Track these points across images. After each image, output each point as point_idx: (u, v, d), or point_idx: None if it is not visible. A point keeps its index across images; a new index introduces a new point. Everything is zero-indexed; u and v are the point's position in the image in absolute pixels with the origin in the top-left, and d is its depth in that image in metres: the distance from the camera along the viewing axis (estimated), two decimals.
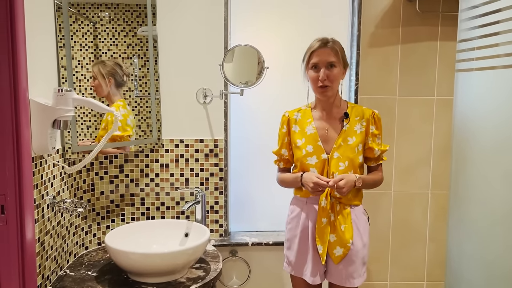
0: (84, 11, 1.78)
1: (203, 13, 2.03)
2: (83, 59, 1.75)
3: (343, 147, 1.65)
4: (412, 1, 2.12)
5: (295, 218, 1.74)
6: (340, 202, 1.67)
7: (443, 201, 2.27)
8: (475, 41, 1.30)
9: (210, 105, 2.08)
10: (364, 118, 1.69)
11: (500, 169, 1.09)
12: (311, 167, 1.67)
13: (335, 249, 1.66)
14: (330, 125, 1.70)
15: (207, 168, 2.10)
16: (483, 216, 1.13)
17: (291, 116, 1.75)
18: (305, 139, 1.69)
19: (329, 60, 1.62)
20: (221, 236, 2.17)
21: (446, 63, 2.18)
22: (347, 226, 1.66)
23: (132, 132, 1.95)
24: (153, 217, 2.09)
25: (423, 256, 2.33)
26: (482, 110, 1.20)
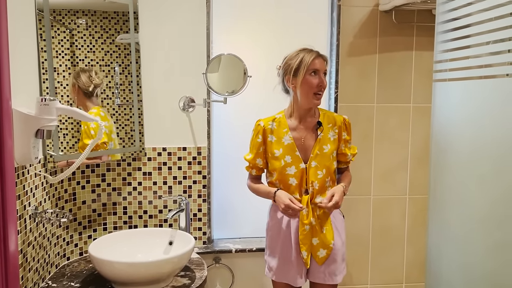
0: (60, 17, 1.77)
1: (186, 22, 2.05)
2: (60, 66, 1.74)
3: (319, 156, 1.70)
4: (389, 13, 2.19)
5: (275, 224, 1.76)
6: (320, 207, 1.71)
7: (421, 205, 2.35)
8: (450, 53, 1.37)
9: (193, 113, 2.09)
10: (336, 125, 1.75)
11: (476, 175, 1.15)
12: (290, 177, 1.70)
13: (318, 251, 1.71)
14: (306, 134, 1.73)
15: (190, 176, 2.11)
16: (461, 219, 1.19)
17: (266, 126, 1.75)
18: (283, 149, 1.72)
19: (325, 68, 1.70)
20: (204, 244, 2.17)
21: (421, 72, 2.27)
22: (327, 228, 1.72)
23: (111, 139, 1.93)
24: (135, 226, 2.08)
25: (401, 259, 2.39)
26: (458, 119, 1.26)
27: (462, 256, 1.19)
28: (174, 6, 2.03)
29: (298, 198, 1.71)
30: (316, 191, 1.70)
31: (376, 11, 2.20)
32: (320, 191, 1.71)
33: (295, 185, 1.71)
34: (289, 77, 1.71)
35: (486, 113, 1.16)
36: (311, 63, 1.65)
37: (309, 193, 1.70)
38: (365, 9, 2.20)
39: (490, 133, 1.13)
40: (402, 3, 2.00)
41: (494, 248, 1.08)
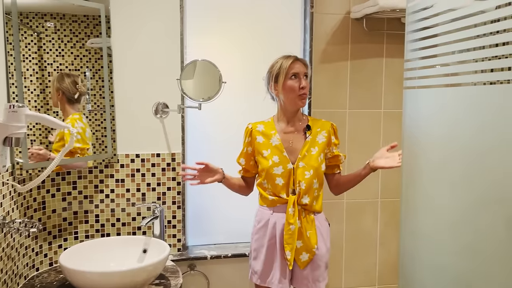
0: (28, 20, 1.72)
1: (159, 26, 2.03)
2: (27, 71, 1.69)
3: (307, 157, 1.74)
4: (360, 20, 2.24)
5: (262, 228, 1.79)
6: (305, 209, 1.75)
7: (392, 209, 2.40)
8: (419, 61, 1.41)
9: (167, 119, 2.07)
10: (325, 129, 1.80)
11: (447, 180, 1.19)
12: (277, 177, 1.74)
13: (301, 254, 1.73)
14: (294, 137, 1.78)
15: (164, 183, 2.09)
16: (433, 223, 1.22)
17: (255, 128, 1.81)
18: (271, 150, 1.76)
19: (305, 71, 1.74)
20: (179, 251, 2.15)
21: (392, 78, 2.33)
22: (312, 232, 1.74)
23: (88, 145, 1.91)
24: (108, 234, 2.04)
25: (374, 262, 2.44)
26: (428, 126, 1.30)
27: (434, 258, 1.22)
28: (147, 10, 2.01)
29: (285, 198, 1.73)
30: (302, 191, 1.73)
31: (348, 18, 2.25)
32: (307, 192, 1.73)
33: (282, 185, 1.74)
34: (271, 84, 1.77)
35: (455, 120, 1.20)
36: (289, 67, 1.71)
37: (296, 193, 1.73)
38: (337, 17, 2.24)
39: (459, 139, 1.17)
40: (373, 11, 2.05)
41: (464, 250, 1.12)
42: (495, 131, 1.06)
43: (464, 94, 1.19)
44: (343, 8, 2.24)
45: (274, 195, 1.75)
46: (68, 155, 1.82)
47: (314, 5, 2.20)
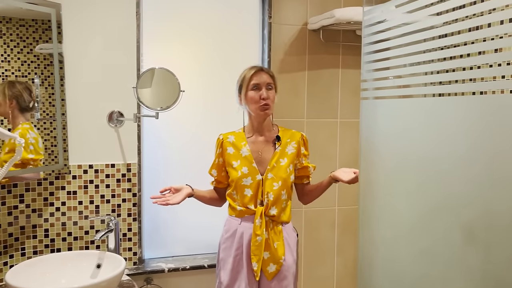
0: None
1: (114, 33, 1.97)
2: None
3: (276, 168, 1.75)
4: (317, 32, 2.29)
5: (229, 237, 1.78)
6: (273, 220, 1.74)
7: (349, 216, 2.45)
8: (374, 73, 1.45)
9: (122, 128, 2.01)
10: (295, 140, 1.81)
11: (402, 188, 1.22)
12: (246, 188, 1.73)
13: (268, 266, 1.72)
14: (263, 147, 1.78)
15: (119, 194, 2.02)
16: (390, 230, 1.26)
17: (225, 139, 1.81)
18: (240, 161, 1.75)
19: (268, 81, 1.73)
20: (135, 264, 2.07)
21: (347, 89, 2.39)
22: (279, 244, 1.74)
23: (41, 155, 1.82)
24: (59, 249, 1.94)
25: (332, 269, 2.47)
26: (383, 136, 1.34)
27: (391, 264, 1.25)
28: (102, 16, 1.95)
29: (252, 209, 1.72)
30: (270, 202, 1.72)
31: (305, 29, 2.29)
32: (275, 203, 1.73)
33: (250, 196, 1.73)
34: (238, 95, 1.79)
35: (409, 131, 1.25)
36: (250, 78, 1.72)
37: (264, 204, 1.73)
38: (294, 28, 2.27)
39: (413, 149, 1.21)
40: (329, 23, 2.10)
41: (419, 256, 1.15)
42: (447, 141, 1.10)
43: (417, 106, 1.23)
44: (301, 19, 2.28)
45: (243, 206, 1.75)
46: (20, 166, 1.72)
47: (272, 16, 2.22)
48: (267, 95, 1.72)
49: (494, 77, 1.46)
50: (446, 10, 1.26)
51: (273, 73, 1.79)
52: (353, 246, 2.48)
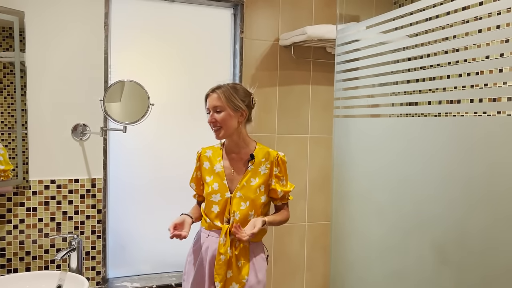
0: None
1: (82, 44, 1.91)
2: None
3: (246, 188, 1.70)
4: (288, 48, 2.30)
5: (196, 250, 1.74)
6: (239, 240, 1.68)
7: (318, 232, 2.45)
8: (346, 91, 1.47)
9: (87, 141, 1.94)
10: (269, 160, 1.74)
11: (373, 205, 1.23)
12: (214, 204, 1.69)
13: (230, 285, 1.68)
14: (236, 165, 1.74)
15: (83, 211, 1.93)
16: (362, 248, 1.25)
17: (203, 153, 1.78)
18: (213, 176, 1.72)
19: (214, 105, 1.68)
20: (98, 284, 1.98)
21: (317, 105, 2.41)
22: (243, 262, 1.69)
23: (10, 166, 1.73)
24: (16, 269, 1.82)
25: (301, 285, 2.45)
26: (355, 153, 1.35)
27: (363, 283, 1.25)
28: (68, 26, 1.88)
29: (219, 226, 1.68)
30: (235, 221, 1.67)
31: (277, 45, 2.30)
32: (241, 223, 1.67)
33: (217, 212, 1.69)
34: None
35: (381, 150, 1.26)
36: (205, 103, 1.72)
37: (230, 223, 1.68)
38: (266, 43, 2.28)
39: (386, 168, 1.22)
40: (301, 40, 2.11)
41: (391, 276, 1.15)
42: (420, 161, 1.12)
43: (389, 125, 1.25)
44: (272, 35, 2.28)
45: (211, 221, 1.71)
46: None
47: (244, 31, 2.22)
48: (211, 118, 1.69)
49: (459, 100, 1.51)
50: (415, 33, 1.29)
51: (225, 92, 1.67)
52: (322, 262, 2.48)
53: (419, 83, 1.27)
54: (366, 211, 1.27)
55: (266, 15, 2.27)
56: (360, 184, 1.30)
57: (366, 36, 1.49)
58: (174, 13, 2.16)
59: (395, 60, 1.38)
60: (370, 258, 1.23)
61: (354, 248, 1.30)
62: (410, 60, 1.30)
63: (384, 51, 1.38)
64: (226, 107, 1.68)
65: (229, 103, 1.68)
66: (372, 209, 1.23)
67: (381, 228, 1.19)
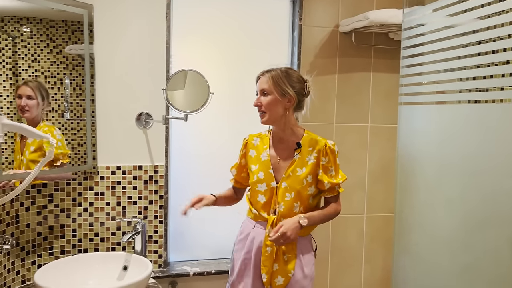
0: (3, 24, 1.64)
1: (145, 34, 1.97)
2: (0, 76, 1.60)
3: (291, 178, 1.63)
4: (348, 34, 2.24)
5: (242, 240, 1.72)
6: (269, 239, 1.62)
7: (378, 224, 2.38)
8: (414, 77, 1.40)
9: (150, 129, 2.00)
10: (316, 149, 1.65)
11: (442, 198, 1.16)
12: (259, 194, 1.66)
13: (276, 278, 1.64)
14: (282, 153, 1.68)
15: (146, 196, 2.01)
16: (428, 242, 1.20)
17: (250, 141, 1.75)
18: (259, 165, 1.68)
19: (262, 88, 1.63)
20: (160, 267, 2.06)
21: (378, 93, 2.32)
22: (290, 256, 1.64)
23: None
24: (86, 249, 1.94)
25: (359, 278, 2.40)
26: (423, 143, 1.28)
27: (429, 279, 1.19)
28: (133, 18, 1.95)
29: (265, 217, 1.65)
30: (281, 213, 1.63)
31: (336, 32, 2.24)
32: (286, 215, 1.61)
33: (263, 203, 1.66)
34: None
35: (451, 138, 1.19)
36: (255, 85, 1.67)
37: (276, 214, 1.64)
38: (325, 30, 2.23)
39: (455, 157, 1.15)
40: (362, 25, 2.04)
41: (460, 271, 1.09)
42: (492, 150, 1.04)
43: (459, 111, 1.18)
44: (332, 22, 2.23)
45: (257, 211, 1.69)
46: (47, 165, 1.73)
47: (303, 18, 2.18)
48: (256, 101, 1.64)
49: None
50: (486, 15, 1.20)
51: (275, 75, 1.61)
52: (382, 255, 2.41)
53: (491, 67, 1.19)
54: (433, 204, 1.20)
55: (326, 1, 2.22)
56: (427, 175, 1.24)
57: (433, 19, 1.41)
58: (234, 2, 2.17)
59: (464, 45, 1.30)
60: (437, 252, 1.17)
61: (419, 242, 1.24)
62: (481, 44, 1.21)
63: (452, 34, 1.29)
64: (273, 91, 1.61)
65: (276, 87, 1.60)
66: (440, 201, 1.17)
67: (451, 222, 1.12)
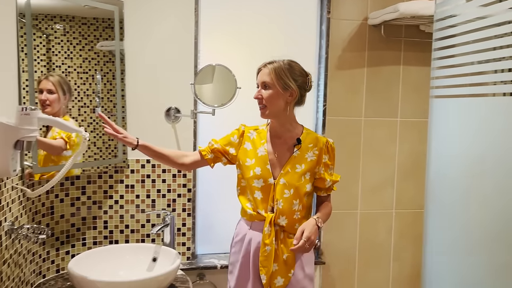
0: (37, 22, 1.69)
1: (173, 30, 1.99)
2: (35, 73, 1.65)
3: (290, 174, 1.58)
4: (377, 27, 2.20)
5: (239, 242, 1.66)
6: (284, 230, 1.59)
7: (407, 220, 2.34)
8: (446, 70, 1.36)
9: (178, 124, 2.03)
10: (317, 146, 1.61)
11: (477, 194, 1.13)
12: (256, 190, 1.59)
13: (276, 279, 1.58)
14: (281, 149, 1.62)
15: (175, 189, 2.04)
16: (462, 239, 1.17)
17: (247, 133, 1.67)
18: (255, 160, 1.61)
19: (263, 80, 1.57)
20: (188, 259, 2.09)
21: (409, 87, 2.28)
22: (289, 256, 1.58)
23: None
24: (116, 241, 1.99)
25: (387, 274, 2.37)
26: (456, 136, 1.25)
27: (461, 276, 1.16)
28: (162, 14, 1.98)
29: (262, 215, 1.59)
30: (279, 211, 1.56)
31: (365, 25, 2.20)
32: (284, 213, 1.57)
33: (260, 199, 1.59)
34: None
35: (486, 131, 1.15)
36: (256, 77, 1.61)
37: (274, 211, 1.57)
38: (354, 23, 2.20)
39: (490, 151, 1.12)
40: (392, 18, 2.00)
41: (496, 268, 1.06)
42: None
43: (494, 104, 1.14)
44: (361, 14, 2.19)
45: (253, 210, 1.62)
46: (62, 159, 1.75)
47: (331, 11, 2.16)
48: (257, 94, 1.57)
49: None
50: None
51: (277, 68, 1.54)
52: (411, 251, 2.37)
53: None
54: (466, 200, 1.17)
55: None
56: (460, 170, 1.20)
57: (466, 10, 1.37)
58: None
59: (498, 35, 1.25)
60: (470, 250, 1.14)
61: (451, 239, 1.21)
62: None
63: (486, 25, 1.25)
64: (275, 84, 1.54)
65: (278, 80, 1.54)
66: (474, 197, 1.14)
67: (486, 219, 1.09)
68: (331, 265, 2.30)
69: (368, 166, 2.29)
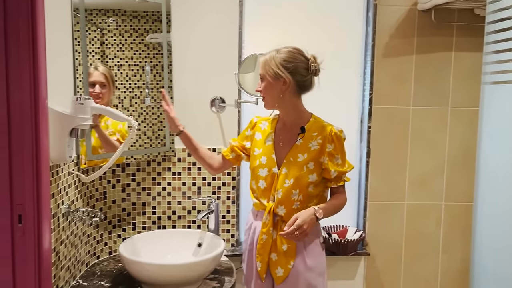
0: (92, 17, 1.77)
1: (218, 21, 2.02)
2: (90, 65, 1.74)
3: (292, 164, 1.56)
4: (427, 12, 2.11)
5: (247, 230, 1.69)
6: (284, 221, 1.56)
7: (457, 213, 2.26)
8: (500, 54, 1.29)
9: (223, 113, 2.07)
10: (322, 135, 1.56)
11: None
12: (260, 179, 1.59)
13: (276, 269, 1.57)
14: (286, 138, 1.61)
15: (219, 177, 2.08)
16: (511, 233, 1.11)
17: (258, 124, 1.70)
18: (263, 149, 1.62)
19: (259, 72, 1.60)
20: (232, 246, 2.14)
21: (461, 74, 2.17)
22: (290, 247, 1.56)
23: None
24: (164, 226, 2.07)
25: (436, 268, 2.30)
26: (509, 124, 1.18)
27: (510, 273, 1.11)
28: (207, 5, 2.01)
29: (264, 204, 1.60)
30: (278, 200, 1.56)
31: (414, 10, 2.12)
32: (283, 202, 1.56)
33: (263, 188, 1.59)
34: None
35: None
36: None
37: (274, 201, 1.57)
38: (402, 8, 2.12)
39: None
40: (444, 1, 1.92)
41: None
42: None
43: None
44: (410, 0, 2.12)
45: (257, 199, 1.63)
46: None
47: None
48: (257, 87, 1.60)
49: None
50: None
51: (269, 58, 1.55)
52: (461, 245, 2.28)
53: None
54: None
55: None
56: None
57: None
58: None
59: None
60: None
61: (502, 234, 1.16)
62: None
63: None
64: (265, 75, 1.56)
65: (268, 71, 1.55)
66: None
67: None
68: (376, 257, 2.26)
69: (416, 156, 2.22)
